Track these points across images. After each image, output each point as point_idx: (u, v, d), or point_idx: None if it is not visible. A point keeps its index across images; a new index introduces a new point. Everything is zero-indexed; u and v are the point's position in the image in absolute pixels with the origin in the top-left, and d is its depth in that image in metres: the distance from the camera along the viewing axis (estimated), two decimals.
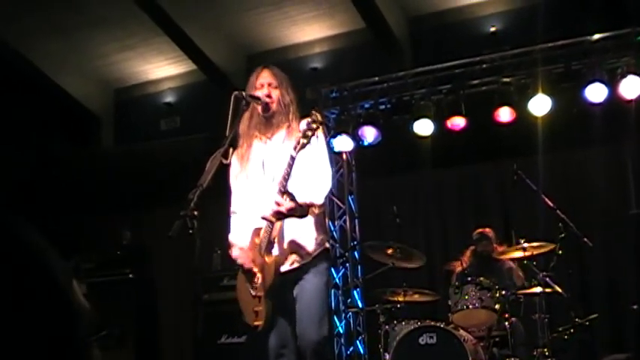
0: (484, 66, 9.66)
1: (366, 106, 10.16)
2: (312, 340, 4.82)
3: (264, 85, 5.06)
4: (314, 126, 4.62)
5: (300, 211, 4.72)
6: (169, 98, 13.18)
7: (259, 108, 5.01)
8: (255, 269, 4.89)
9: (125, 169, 12.16)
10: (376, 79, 10.12)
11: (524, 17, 10.55)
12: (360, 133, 9.92)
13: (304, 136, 4.61)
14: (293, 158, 4.63)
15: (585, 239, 8.01)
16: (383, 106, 10.13)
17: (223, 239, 5.21)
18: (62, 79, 12.70)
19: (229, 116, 4.69)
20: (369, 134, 9.93)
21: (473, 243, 8.75)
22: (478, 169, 10.80)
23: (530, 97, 9.19)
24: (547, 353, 7.45)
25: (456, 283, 7.92)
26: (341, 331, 10.02)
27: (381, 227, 10.36)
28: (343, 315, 10.09)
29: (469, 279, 7.86)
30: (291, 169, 4.63)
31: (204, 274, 4.17)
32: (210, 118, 11.22)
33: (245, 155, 5.03)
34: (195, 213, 4.14)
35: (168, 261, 10.76)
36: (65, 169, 12.23)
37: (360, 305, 9.95)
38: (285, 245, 4.87)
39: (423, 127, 9.73)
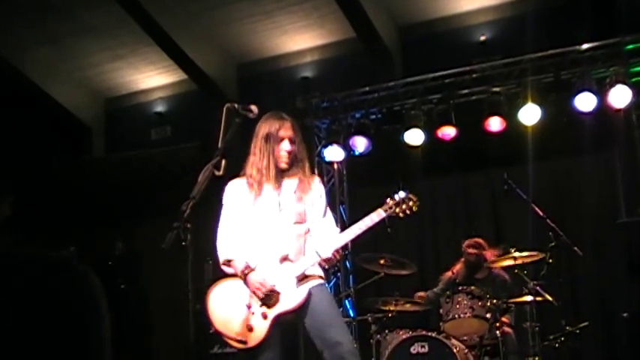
0: (474, 75, 9.70)
1: (357, 115, 10.19)
2: (348, 347, 4.93)
3: (285, 139, 5.14)
4: (412, 207, 5.22)
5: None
6: (160, 108, 13.19)
7: (279, 162, 5.14)
8: (276, 291, 4.96)
9: (116, 178, 12.15)
10: (367, 88, 10.15)
11: (514, 27, 10.60)
12: (350, 142, 9.95)
13: (403, 212, 5.16)
14: (382, 220, 5.09)
15: (575, 248, 8.04)
16: (374, 116, 10.17)
17: (215, 250, 5.22)
18: (53, 89, 12.70)
19: (221, 128, 4.71)
20: (360, 144, 9.96)
21: (463, 253, 8.75)
22: (468, 178, 10.82)
23: (520, 107, 9.22)
24: None
25: (448, 292, 7.93)
26: None
27: (372, 236, 10.35)
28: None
29: (460, 288, 7.88)
30: (372, 228, 5.08)
31: (196, 284, 4.17)
32: (201, 127, 11.27)
33: (259, 194, 5.11)
34: (188, 225, 4.17)
35: (160, 271, 10.75)
36: (56, 178, 12.21)
37: (351, 315, 9.95)
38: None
39: (414, 136, 9.76)
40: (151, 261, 10.35)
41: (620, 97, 8.92)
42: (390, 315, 8.09)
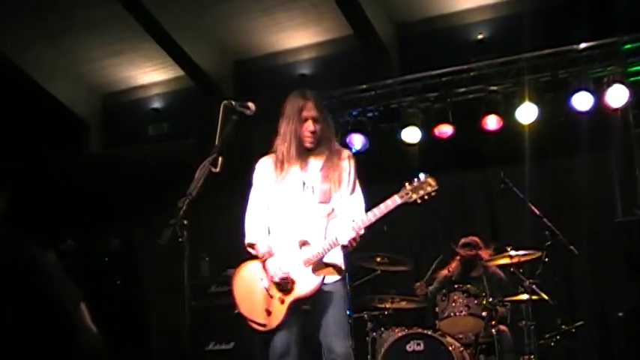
0: (471, 74, 9.73)
1: (354, 113, 10.19)
2: (341, 353, 5.01)
3: (309, 119, 5.18)
4: (431, 193, 5.06)
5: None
6: (157, 104, 13.17)
7: (304, 142, 5.19)
8: (291, 278, 5.04)
9: (113, 174, 12.12)
10: (364, 86, 10.16)
11: (512, 25, 10.58)
12: (347, 140, 9.95)
13: (421, 197, 5.03)
14: (397, 206, 5.00)
15: (571, 247, 8.04)
16: (371, 114, 10.18)
17: (211, 247, 5.25)
18: (50, 84, 12.68)
19: (219, 125, 4.70)
20: (357, 141, 9.97)
21: (459, 251, 8.76)
22: (465, 176, 10.79)
23: (517, 106, 9.25)
24: None
25: (444, 290, 7.94)
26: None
27: (368, 234, 10.33)
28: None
29: (456, 286, 7.88)
30: (388, 214, 4.99)
31: (191, 281, 4.19)
32: (198, 123, 11.22)
33: (284, 173, 5.19)
34: (185, 222, 4.17)
35: (157, 268, 10.72)
36: (52, 174, 12.19)
37: (347, 312, 9.93)
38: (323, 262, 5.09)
39: (411, 134, 9.78)
40: (147, 257, 10.34)
41: (617, 96, 8.94)
42: (386, 313, 8.11)
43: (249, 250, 5.23)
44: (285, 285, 5.01)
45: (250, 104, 4.94)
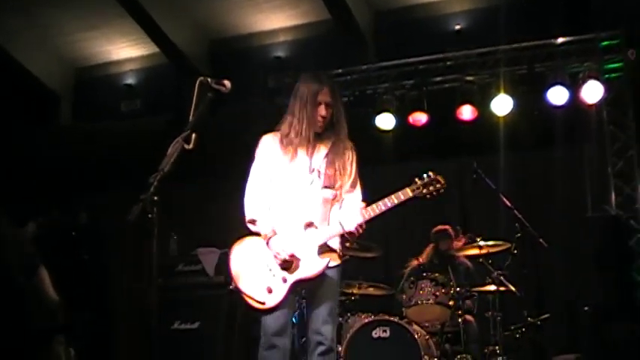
0: (448, 63, 9.74)
1: None
2: (329, 337, 5.07)
3: (322, 103, 5.17)
4: (439, 189, 5.37)
5: None
6: (130, 80, 13.06)
7: (315, 125, 5.19)
8: (295, 258, 5.05)
9: (83, 149, 12.01)
10: (340, 71, 10.12)
11: (490, 17, 10.59)
12: None
13: (430, 193, 5.31)
14: (409, 199, 5.16)
15: (541, 240, 8.06)
16: (345, 99, 10.08)
17: (180, 225, 5.19)
18: (22, 56, 12.52)
19: (193, 101, 4.64)
20: None
21: (432, 240, 8.77)
22: (438, 165, 10.67)
23: (493, 97, 9.27)
24: (498, 351, 7.53)
25: (412, 278, 7.93)
26: (294, 322, 9.97)
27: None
28: (297, 306, 10.05)
29: (424, 274, 7.88)
30: (398, 206, 5.12)
31: (159, 259, 4.11)
32: (171, 101, 11.13)
33: (292, 154, 5.16)
34: (155, 198, 4.11)
35: (125, 244, 10.63)
36: (22, 146, 12.06)
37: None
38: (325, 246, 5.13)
39: (385, 121, 9.76)
40: (115, 233, 10.25)
41: (592, 92, 9.00)
42: (352, 298, 8.09)
43: (249, 225, 5.20)
44: (288, 265, 5.02)
45: (226, 82, 4.87)
